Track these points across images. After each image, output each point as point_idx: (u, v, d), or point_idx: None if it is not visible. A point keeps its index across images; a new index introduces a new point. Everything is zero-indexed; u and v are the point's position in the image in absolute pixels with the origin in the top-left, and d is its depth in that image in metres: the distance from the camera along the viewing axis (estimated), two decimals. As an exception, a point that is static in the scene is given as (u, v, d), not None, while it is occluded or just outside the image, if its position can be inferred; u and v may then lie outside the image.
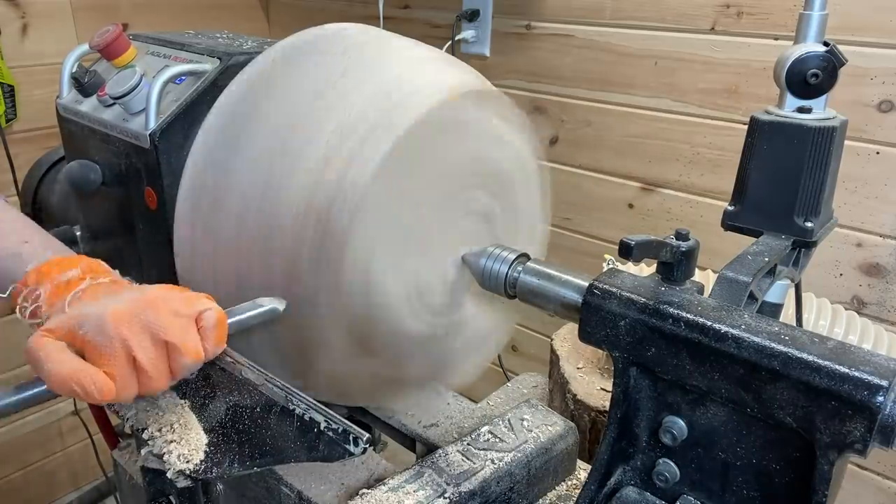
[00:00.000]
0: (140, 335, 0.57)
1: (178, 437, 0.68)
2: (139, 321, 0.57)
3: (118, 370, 0.56)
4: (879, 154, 1.32)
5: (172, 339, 0.58)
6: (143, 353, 0.57)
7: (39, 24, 1.77)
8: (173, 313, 0.59)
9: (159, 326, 0.57)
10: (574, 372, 1.33)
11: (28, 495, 2.05)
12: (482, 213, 0.80)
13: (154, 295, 0.60)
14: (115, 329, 0.56)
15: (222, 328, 0.62)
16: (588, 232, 1.79)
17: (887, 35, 1.26)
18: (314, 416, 0.62)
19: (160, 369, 0.58)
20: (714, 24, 1.46)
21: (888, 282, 1.37)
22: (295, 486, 0.79)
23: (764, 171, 0.73)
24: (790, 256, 0.75)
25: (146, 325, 0.57)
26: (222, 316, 0.62)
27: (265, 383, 0.66)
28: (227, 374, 0.68)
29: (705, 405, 0.60)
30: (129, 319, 0.57)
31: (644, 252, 0.58)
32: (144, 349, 0.57)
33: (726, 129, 1.49)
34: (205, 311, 0.61)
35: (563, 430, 0.84)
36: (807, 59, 0.71)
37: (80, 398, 0.56)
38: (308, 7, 2.21)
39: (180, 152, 0.79)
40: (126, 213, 0.89)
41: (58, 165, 1.11)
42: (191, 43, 0.91)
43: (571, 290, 0.69)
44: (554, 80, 1.73)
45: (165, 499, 0.73)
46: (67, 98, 0.95)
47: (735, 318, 0.56)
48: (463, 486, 0.74)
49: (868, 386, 0.49)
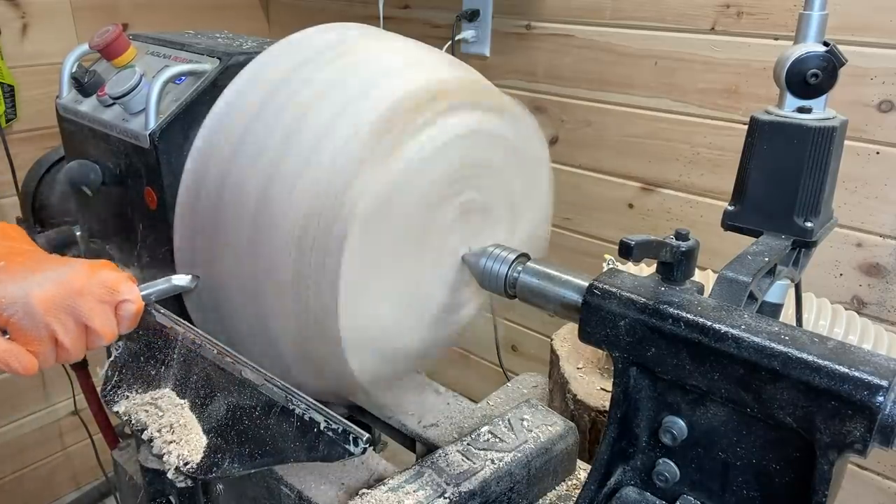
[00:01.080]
0: (65, 320, 0.64)
1: (178, 437, 0.68)
2: (65, 307, 0.64)
3: (41, 349, 0.63)
4: (879, 154, 1.32)
5: (94, 326, 0.65)
6: (67, 335, 0.64)
7: (39, 24, 1.77)
8: (97, 301, 0.65)
9: (84, 314, 0.64)
10: (574, 372, 1.33)
11: (28, 495, 2.05)
12: (475, 210, 0.79)
13: (78, 278, 0.65)
14: (43, 316, 0.62)
15: (137, 318, 0.69)
16: (588, 232, 1.79)
17: (887, 35, 1.26)
18: (314, 416, 0.62)
19: (79, 347, 0.66)
20: (714, 24, 1.46)
21: (888, 282, 1.37)
22: (295, 486, 0.79)
23: (764, 171, 0.73)
24: (790, 256, 0.75)
25: (72, 311, 0.64)
26: (140, 308, 0.69)
27: (265, 383, 0.66)
28: (227, 374, 0.68)
29: (705, 405, 0.60)
30: (55, 307, 0.63)
31: (644, 252, 0.58)
32: (69, 332, 0.64)
33: (726, 129, 1.49)
34: (124, 303, 0.67)
35: (563, 430, 0.84)
36: (807, 59, 0.71)
37: (4, 370, 0.63)
38: (308, 7, 2.21)
39: (180, 152, 0.79)
40: (126, 213, 0.89)
41: (58, 165, 1.11)
42: (191, 43, 0.91)
43: (571, 290, 0.69)
44: (554, 80, 1.73)
45: (165, 499, 0.73)
46: (67, 98, 0.95)
47: (735, 318, 0.56)
48: (463, 486, 0.74)
49: (868, 386, 0.49)
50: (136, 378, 0.75)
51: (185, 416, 0.70)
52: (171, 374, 0.73)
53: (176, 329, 0.74)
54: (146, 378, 0.75)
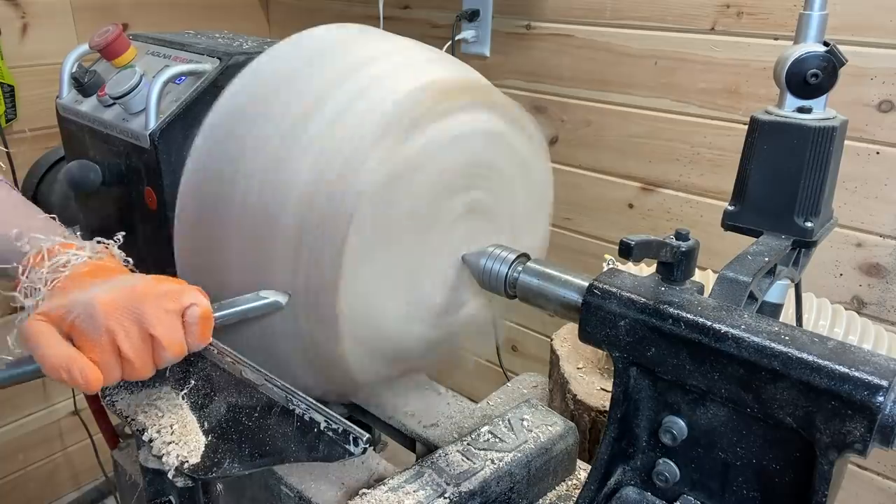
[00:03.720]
0: (128, 326, 0.59)
1: (177, 438, 0.68)
2: (128, 312, 0.59)
3: (103, 358, 0.59)
4: (879, 154, 1.32)
5: (158, 334, 0.60)
6: (129, 344, 0.59)
7: (39, 24, 1.76)
8: (161, 307, 0.61)
9: (147, 320, 0.60)
10: (574, 372, 1.33)
11: (28, 495, 2.05)
12: (479, 210, 0.80)
13: (144, 287, 0.62)
14: (103, 319, 0.58)
15: (206, 324, 0.64)
16: (588, 232, 1.79)
17: (887, 35, 1.26)
18: (314, 416, 0.62)
19: (144, 360, 0.61)
20: (714, 24, 1.46)
21: (888, 282, 1.37)
22: (295, 486, 0.79)
23: (764, 171, 0.73)
24: (790, 256, 0.75)
25: (134, 317, 0.59)
26: (207, 312, 0.64)
27: (265, 383, 0.66)
28: (227, 374, 0.68)
29: (705, 405, 0.60)
30: (117, 310, 0.59)
31: (644, 252, 0.58)
32: (131, 340, 0.59)
33: (726, 129, 1.49)
34: (190, 307, 0.62)
35: (563, 430, 0.84)
36: (807, 59, 0.71)
37: (67, 383, 0.59)
38: (308, 7, 2.21)
39: (180, 152, 0.79)
40: (126, 213, 0.89)
41: (58, 165, 1.11)
42: (191, 43, 0.91)
43: (571, 291, 0.69)
44: (554, 80, 1.73)
45: (165, 499, 0.73)
46: (67, 98, 0.95)
47: (735, 318, 0.56)
48: (463, 486, 0.74)
49: (868, 386, 0.49)
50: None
51: (185, 417, 0.70)
52: (171, 374, 0.73)
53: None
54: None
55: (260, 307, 0.69)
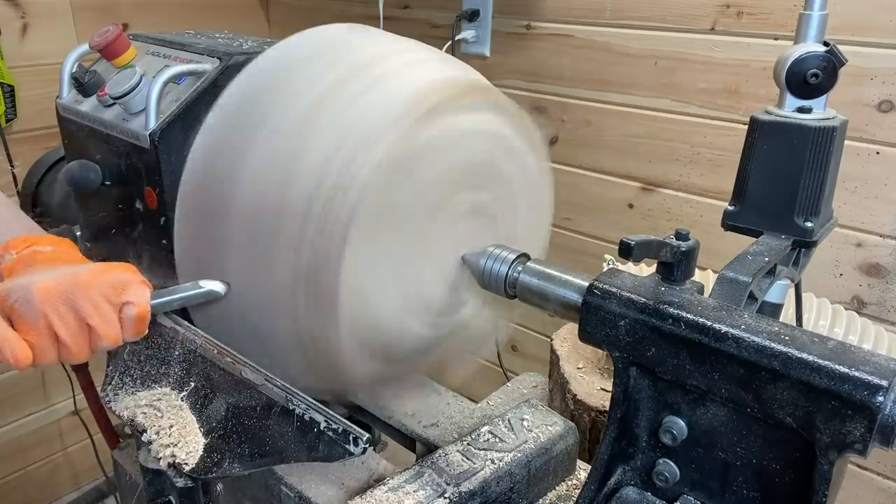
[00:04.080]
0: (63, 312, 0.62)
1: (178, 438, 0.68)
2: (64, 299, 0.62)
3: (38, 341, 0.62)
4: (879, 154, 1.32)
5: (93, 324, 0.63)
6: (65, 329, 0.62)
7: (39, 24, 1.77)
8: (100, 298, 0.63)
9: (83, 309, 0.62)
10: (574, 372, 1.33)
11: (28, 495, 2.05)
12: (481, 212, 0.80)
13: (87, 276, 0.64)
14: (40, 304, 0.61)
15: (142, 322, 0.67)
16: (588, 232, 1.79)
17: (887, 35, 1.26)
18: (314, 416, 0.62)
19: (80, 344, 0.64)
20: (714, 24, 1.46)
21: (888, 282, 1.37)
22: (295, 486, 0.79)
23: (764, 171, 0.73)
24: (790, 256, 0.75)
25: (70, 304, 0.62)
26: (143, 312, 0.66)
27: (265, 383, 0.66)
28: (227, 375, 0.68)
29: (705, 405, 0.60)
30: (54, 296, 0.62)
31: (644, 252, 0.58)
32: (67, 326, 0.62)
33: (726, 129, 1.49)
34: (126, 305, 0.65)
35: (563, 430, 0.84)
36: (807, 59, 0.71)
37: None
38: (308, 7, 2.21)
39: (180, 152, 0.79)
40: (126, 213, 0.89)
41: (58, 165, 1.11)
42: (191, 43, 0.91)
43: (571, 290, 0.69)
44: (554, 80, 1.73)
45: (165, 499, 0.73)
46: (67, 98, 0.95)
47: (735, 318, 0.56)
48: (463, 486, 0.74)
49: (868, 386, 0.49)
50: (137, 378, 0.75)
51: (185, 417, 0.70)
52: (172, 374, 0.73)
53: (176, 329, 0.74)
54: (146, 378, 0.75)
55: (198, 295, 0.72)
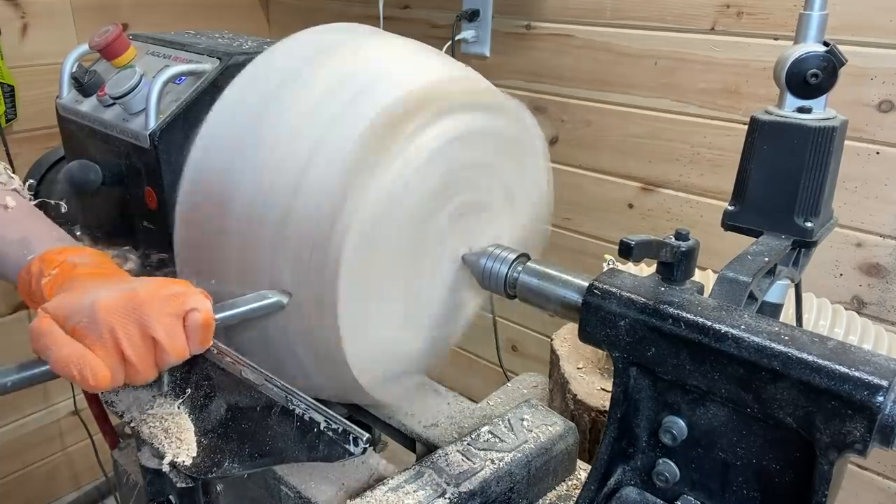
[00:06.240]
0: (129, 328, 0.59)
1: (176, 440, 0.68)
2: (129, 315, 0.60)
3: (106, 359, 0.59)
4: (879, 154, 1.32)
5: (159, 338, 0.60)
6: (131, 346, 0.59)
7: (39, 24, 1.76)
8: (163, 311, 0.61)
9: (148, 323, 0.60)
10: (574, 372, 1.33)
11: (28, 495, 2.05)
12: (468, 210, 0.78)
13: (146, 291, 0.62)
14: (104, 320, 0.59)
15: (206, 330, 0.64)
16: (588, 232, 1.79)
17: (887, 35, 1.26)
18: (314, 416, 0.62)
19: (146, 362, 0.61)
20: (714, 24, 1.46)
21: (888, 282, 1.37)
22: (295, 486, 0.79)
23: (764, 171, 0.73)
24: (790, 256, 0.75)
25: (136, 319, 0.60)
26: (208, 318, 0.64)
27: (265, 383, 0.66)
28: (227, 375, 0.68)
29: (705, 405, 0.60)
30: (119, 312, 0.59)
31: (644, 252, 0.58)
32: (132, 342, 0.60)
33: (726, 129, 1.49)
34: (191, 312, 0.62)
35: (563, 430, 0.84)
36: (807, 59, 0.71)
37: (76, 381, 0.59)
38: (308, 7, 2.21)
39: (180, 152, 0.79)
40: (126, 213, 0.89)
41: (58, 165, 1.11)
42: (191, 43, 0.91)
43: (571, 290, 0.69)
44: (554, 80, 1.73)
45: (165, 499, 0.73)
46: (67, 98, 0.95)
47: (735, 318, 0.56)
48: (463, 486, 0.74)
49: (868, 386, 0.49)
50: (136, 378, 0.75)
51: (185, 417, 0.70)
52: (172, 374, 0.73)
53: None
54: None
55: (262, 307, 0.69)
